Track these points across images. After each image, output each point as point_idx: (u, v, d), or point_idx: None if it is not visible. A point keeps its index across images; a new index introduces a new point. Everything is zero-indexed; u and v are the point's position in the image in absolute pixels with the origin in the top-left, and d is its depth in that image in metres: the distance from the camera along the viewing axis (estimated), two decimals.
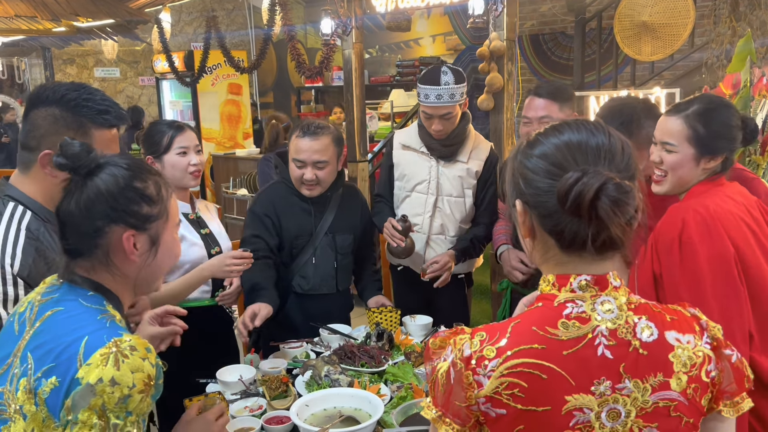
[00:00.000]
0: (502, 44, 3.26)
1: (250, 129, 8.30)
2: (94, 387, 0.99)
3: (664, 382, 0.94)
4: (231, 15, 8.98)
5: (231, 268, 2.13)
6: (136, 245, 1.15)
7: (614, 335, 0.93)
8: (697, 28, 4.93)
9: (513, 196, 1.01)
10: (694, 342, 0.97)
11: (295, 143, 2.29)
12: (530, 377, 0.90)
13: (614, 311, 0.94)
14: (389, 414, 1.67)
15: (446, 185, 2.53)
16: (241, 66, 6.24)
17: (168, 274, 2.14)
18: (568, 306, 0.94)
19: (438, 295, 2.63)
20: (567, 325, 0.93)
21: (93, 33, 6.15)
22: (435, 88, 2.37)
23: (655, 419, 0.94)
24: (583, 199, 0.88)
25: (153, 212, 1.17)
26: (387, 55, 8.39)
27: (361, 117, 4.43)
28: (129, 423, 1.02)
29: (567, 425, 0.91)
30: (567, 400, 0.91)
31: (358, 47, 4.23)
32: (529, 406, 0.90)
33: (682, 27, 3.93)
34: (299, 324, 2.36)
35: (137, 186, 1.15)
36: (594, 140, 0.95)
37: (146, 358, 1.04)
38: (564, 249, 0.96)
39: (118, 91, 8.46)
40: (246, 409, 1.79)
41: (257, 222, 2.34)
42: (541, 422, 0.91)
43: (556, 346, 0.92)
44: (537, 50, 6.89)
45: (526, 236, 1.01)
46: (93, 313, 1.09)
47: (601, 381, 0.92)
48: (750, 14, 3.88)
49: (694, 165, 1.65)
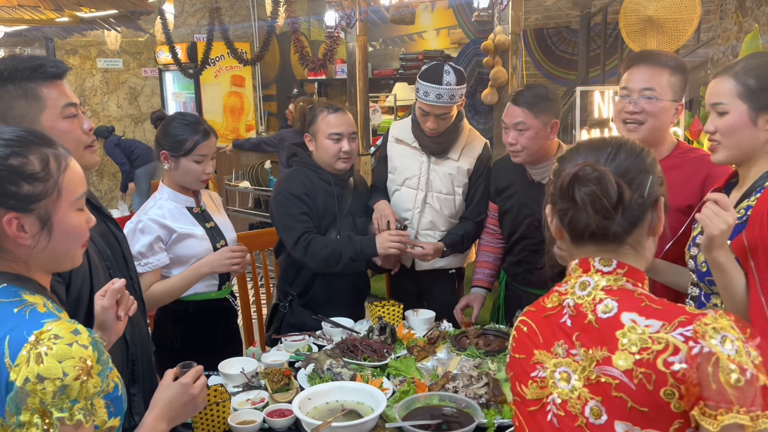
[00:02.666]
0: (507, 38, 3.25)
1: (253, 121, 8.29)
2: (24, 388, 0.95)
3: (606, 357, 0.99)
4: (234, 6, 8.94)
5: (231, 262, 2.13)
6: (24, 228, 1.06)
7: (578, 308, 1.06)
8: (703, 23, 4.90)
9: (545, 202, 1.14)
10: (657, 327, 0.95)
11: (326, 120, 2.38)
12: (519, 331, 1.15)
13: (588, 290, 1.07)
14: (391, 408, 1.66)
15: (436, 182, 2.52)
16: (244, 58, 6.22)
17: (172, 268, 2.15)
18: (563, 285, 1.12)
19: (429, 288, 2.65)
20: (553, 297, 1.12)
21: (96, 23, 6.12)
22: (436, 87, 2.35)
23: (599, 393, 0.99)
24: (565, 184, 1.04)
25: (36, 191, 1.06)
26: (390, 48, 8.35)
27: (364, 110, 4.42)
28: (77, 411, 0.98)
29: (530, 375, 1.10)
30: (534, 354, 1.10)
31: (362, 40, 4.21)
32: (515, 353, 1.15)
33: (688, 22, 3.90)
34: (325, 306, 2.40)
35: (12, 164, 1.04)
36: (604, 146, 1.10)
37: (73, 342, 0.98)
38: (574, 241, 1.11)
39: (120, 82, 8.44)
40: (248, 402, 1.79)
41: (298, 201, 2.38)
42: (519, 370, 1.12)
43: (542, 310, 1.13)
44: (541, 45, 6.86)
45: (557, 237, 1.14)
46: (8, 307, 1.03)
47: (560, 343, 1.07)
48: (757, 10, 3.86)
49: (750, 125, 1.49)
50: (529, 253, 2.37)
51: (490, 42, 3.28)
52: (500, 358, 1.89)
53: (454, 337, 2.08)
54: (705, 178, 1.77)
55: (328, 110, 2.41)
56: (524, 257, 2.39)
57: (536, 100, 2.20)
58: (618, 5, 4.64)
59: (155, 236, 2.09)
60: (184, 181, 2.18)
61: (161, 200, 2.18)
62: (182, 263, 2.16)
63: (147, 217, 2.11)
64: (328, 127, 2.37)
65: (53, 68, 1.43)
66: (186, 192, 2.22)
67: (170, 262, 2.14)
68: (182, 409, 1.31)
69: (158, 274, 2.11)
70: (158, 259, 2.10)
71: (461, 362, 1.87)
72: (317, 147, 2.42)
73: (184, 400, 1.31)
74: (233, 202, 6.29)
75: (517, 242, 2.41)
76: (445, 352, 1.98)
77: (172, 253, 2.14)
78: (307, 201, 2.38)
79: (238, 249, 2.17)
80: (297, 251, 2.35)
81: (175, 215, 2.17)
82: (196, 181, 2.18)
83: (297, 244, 2.34)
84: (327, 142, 2.38)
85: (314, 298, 2.46)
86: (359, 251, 2.34)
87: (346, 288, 2.49)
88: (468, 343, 2.01)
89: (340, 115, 2.40)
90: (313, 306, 2.42)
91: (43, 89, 1.41)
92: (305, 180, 2.42)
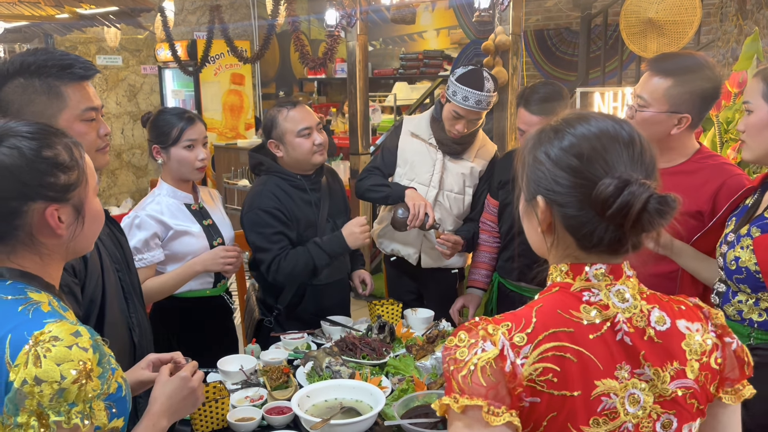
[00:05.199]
0: (508, 38, 3.24)
1: (252, 119, 8.29)
2: (21, 390, 0.94)
3: (680, 370, 0.95)
4: (234, 5, 8.93)
5: (225, 261, 2.13)
6: (61, 218, 1.07)
7: (630, 323, 0.94)
8: (703, 26, 4.90)
9: (533, 191, 0.98)
10: (702, 330, 0.99)
11: (290, 118, 2.28)
12: (562, 361, 0.89)
13: (629, 300, 0.95)
14: (390, 406, 1.67)
15: (449, 180, 2.52)
16: (244, 56, 6.21)
17: (167, 265, 2.15)
18: (585, 294, 0.95)
19: (429, 287, 2.65)
20: (588, 310, 0.93)
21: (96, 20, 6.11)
22: (477, 93, 2.33)
23: (673, 406, 0.95)
24: (631, 209, 0.87)
25: (71, 180, 1.07)
26: (391, 47, 8.35)
27: (364, 109, 4.41)
28: (74, 414, 0.96)
29: (595, 410, 0.90)
30: (596, 385, 0.91)
31: (362, 39, 4.21)
32: (562, 391, 0.89)
33: (688, 25, 3.90)
34: (316, 317, 2.34)
35: (47, 155, 1.05)
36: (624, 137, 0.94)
37: (73, 344, 0.97)
38: (583, 248, 0.96)
39: (120, 80, 8.42)
40: (247, 399, 1.79)
41: (272, 219, 2.27)
42: (572, 408, 0.90)
43: (583, 329, 0.92)
44: (541, 46, 6.86)
45: (545, 232, 0.99)
46: (13, 305, 1.02)
47: (622, 365, 0.92)
48: (757, 13, 3.87)
49: None
50: (528, 247, 2.35)
51: (490, 42, 3.28)
52: None
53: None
54: (720, 187, 1.75)
55: (287, 108, 2.30)
56: (522, 251, 2.38)
57: (548, 101, 2.19)
58: (618, 7, 4.64)
59: (152, 232, 2.09)
60: (180, 172, 2.17)
61: (159, 196, 2.18)
62: (178, 260, 2.15)
63: (144, 213, 2.11)
64: (295, 124, 2.27)
65: (81, 69, 1.42)
66: (184, 188, 2.22)
67: (165, 258, 2.14)
68: (182, 404, 1.29)
69: (153, 269, 2.12)
70: (153, 255, 2.10)
71: None
72: (288, 150, 2.31)
73: (184, 394, 1.29)
74: (232, 200, 6.29)
75: (516, 236, 2.41)
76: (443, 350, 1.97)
77: (168, 250, 2.14)
78: (280, 216, 2.28)
79: (233, 249, 2.17)
80: (270, 276, 2.29)
81: (173, 211, 2.16)
82: (191, 169, 2.16)
83: (269, 270, 2.27)
84: (298, 140, 2.28)
85: (304, 310, 2.40)
86: (331, 253, 2.27)
87: (333, 295, 2.45)
88: None
89: (300, 109, 2.31)
90: (303, 317, 2.37)
91: (68, 89, 1.41)
92: (277, 191, 2.31)
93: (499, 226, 2.50)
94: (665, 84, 1.77)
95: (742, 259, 1.51)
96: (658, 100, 1.77)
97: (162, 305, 2.18)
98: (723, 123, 2.66)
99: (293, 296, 2.39)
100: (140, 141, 8.56)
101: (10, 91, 1.37)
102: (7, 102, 1.37)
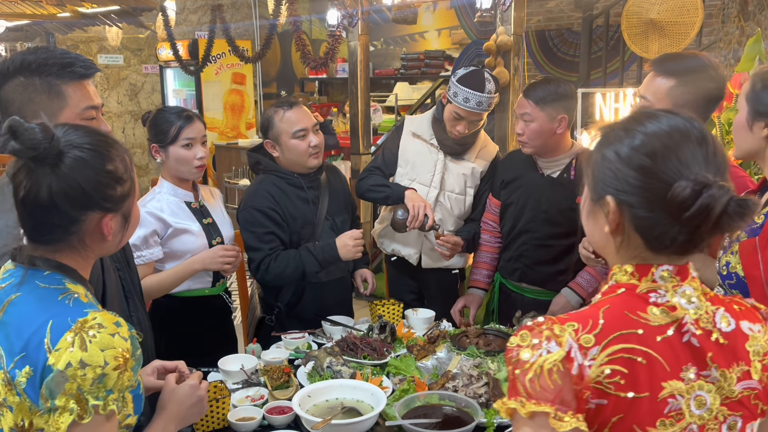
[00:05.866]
0: (509, 39, 3.25)
1: (253, 119, 8.29)
2: (64, 372, 0.96)
3: (746, 372, 0.95)
4: (236, 4, 8.93)
5: (223, 260, 2.13)
6: (111, 225, 1.13)
7: (697, 324, 0.93)
8: (705, 27, 4.90)
9: (602, 191, 0.96)
10: (764, 331, 0.99)
11: (286, 119, 2.27)
12: (631, 363, 0.89)
13: (695, 301, 0.94)
14: (391, 406, 1.66)
15: (450, 181, 2.52)
16: (245, 56, 6.21)
17: (166, 263, 2.15)
18: (651, 295, 0.94)
19: (430, 287, 2.65)
20: (655, 312, 0.92)
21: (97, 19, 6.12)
22: (478, 94, 2.32)
23: (739, 408, 0.95)
24: (711, 212, 0.86)
25: (125, 191, 1.13)
26: (392, 48, 8.35)
27: (366, 110, 4.42)
28: (111, 401, 0.99)
29: (662, 412, 0.90)
30: (663, 387, 0.90)
31: (363, 39, 4.21)
32: (630, 393, 0.88)
33: (690, 26, 3.90)
34: (316, 315, 2.33)
35: (109, 169, 1.10)
36: (696, 135, 0.91)
37: (116, 333, 1.01)
38: (653, 249, 0.94)
39: (121, 78, 8.43)
40: (248, 399, 1.79)
41: (264, 218, 2.27)
42: (639, 410, 0.89)
43: (651, 331, 0.91)
44: (543, 46, 6.86)
45: (613, 233, 0.96)
46: (53, 294, 1.05)
47: (688, 367, 0.92)
48: (759, 14, 3.86)
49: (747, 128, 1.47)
50: (530, 247, 2.37)
51: (492, 43, 3.28)
52: (500, 357, 1.89)
53: (454, 337, 2.09)
54: None
55: (283, 108, 2.28)
56: (524, 251, 2.39)
57: (545, 93, 2.20)
58: (620, 8, 4.65)
59: (151, 230, 2.09)
60: (179, 171, 2.17)
61: (160, 194, 2.18)
62: (176, 258, 2.15)
63: (144, 210, 2.11)
64: (291, 126, 2.26)
65: (82, 68, 1.42)
66: (185, 186, 2.22)
67: (164, 256, 2.14)
68: (190, 411, 1.31)
69: (151, 267, 2.11)
70: (152, 252, 2.10)
71: (461, 362, 1.87)
72: (283, 150, 2.29)
73: (193, 401, 1.31)
74: (233, 199, 6.29)
75: (518, 236, 2.41)
76: (445, 351, 1.98)
77: (167, 248, 2.14)
78: (273, 216, 2.27)
79: (231, 248, 2.17)
80: (258, 275, 2.28)
81: (173, 209, 2.16)
82: (190, 168, 2.16)
83: (258, 270, 2.27)
84: (293, 141, 2.26)
85: (304, 308, 2.39)
86: (323, 261, 2.25)
87: (334, 294, 2.44)
88: (468, 343, 2.02)
89: (297, 110, 2.29)
90: (304, 315, 2.36)
91: (68, 88, 1.40)
92: (273, 190, 2.29)
93: (500, 226, 2.50)
94: (668, 84, 1.76)
95: (732, 264, 1.49)
96: (662, 101, 1.76)
97: (160, 304, 2.18)
98: (725, 124, 2.65)
99: (292, 294, 2.38)
100: (141, 140, 8.57)
101: (10, 89, 1.37)
102: (8, 101, 1.37)
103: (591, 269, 2.28)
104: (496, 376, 1.77)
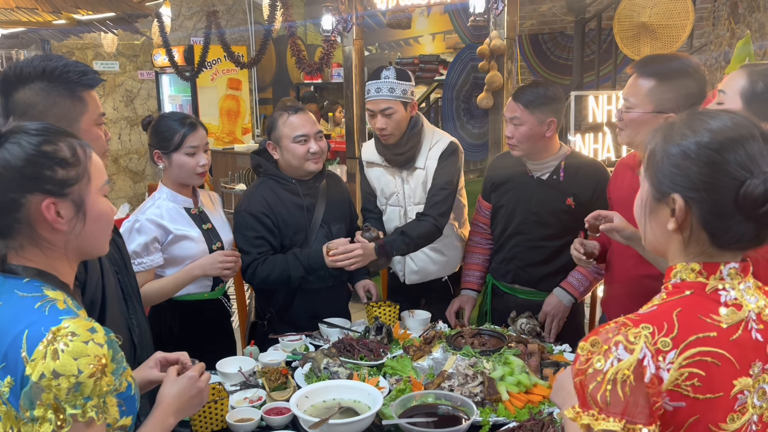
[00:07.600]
0: (503, 43, 3.28)
1: (249, 124, 8.31)
2: (39, 383, 0.96)
3: None
4: (231, 10, 8.97)
5: (223, 266, 2.15)
6: (60, 213, 1.10)
7: (760, 318, 0.95)
8: (696, 29, 4.95)
9: (667, 188, 0.96)
10: None
11: (288, 123, 2.30)
12: (707, 365, 0.90)
13: (756, 296, 0.96)
14: (388, 406, 1.68)
15: (410, 194, 2.51)
16: (241, 61, 6.24)
17: (166, 269, 2.16)
18: (721, 293, 0.95)
19: (424, 296, 2.65)
20: (727, 312, 0.93)
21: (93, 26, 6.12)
22: (374, 82, 2.37)
23: None
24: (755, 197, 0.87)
25: (70, 175, 1.10)
26: (387, 52, 8.39)
27: (361, 114, 4.44)
28: (89, 408, 0.99)
29: (733, 408, 0.92)
30: (734, 384, 0.92)
31: (358, 44, 4.24)
32: (707, 394, 0.90)
33: (681, 28, 3.94)
34: (306, 322, 2.34)
35: (46, 150, 1.08)
36: (758, 132, 0.92)
37: (89, 340, 1.00)
38: (719, 245, 0.95)
39: (117, 85, 8.44)
40: (246, 400, 1.80)
41: (256, 222, 2.29)
42: (714, 409, 0.90)
43: (724, 332, 0.92)
44: (536, 50, 6.90)
45: (677, 230, 0.96)
46: (30, 302, 1.05)
47: (756, 362, 0.94)
48: (749, 16, 3.91)
49: None
50: (522, 249, 2.39)
51: (485, 47, 3.32)
52: (495, 357, 1.91)
53: (449, 337, 2.11)
54: None
55: (288, 113, 2.32)
56: (516, 253, 2.41)
57: (534, 97, 2.22)
58: (612, 11, 4.69)
59: (152, 237, 2.11)
60: (180, 177, 2.19)
61: (159, 200, 2.20)
62: (177, 264, 2.17)
63: (144, 217, 2.13)
64: (292, 130, 2.29)
65: (93, 77, 1.49)
66: (185, 192, 2.24)
67: (165, 262, 2.16)
68: (189, 403, 1.31)
69: (152, 273, 2.13)
70: (153, 259, 2.11)
71: (457, 361, 1.89)
72: (283, 153, 2.32)
73: (192, 393, 1.32)
74: (229, 204, 6.30)
75: (510, 238, 2.42)
76: (440, 351, 2.00)
77: (167, 254, 2.16)
78: (265, 221, 2.28)
79: (231, 254, 2.19)
80: (246, 278, 2.31)
81: (173, 216, 2.18)
82: (192, 175, 2.18)
83: (246, 272, 2.30)
84: (293, 145, 2.29)
85: (296, 314, 2.40)
86: (308, 268, 2.26)
87: (327, 301, 2.42)
88: (463, 343, 2.03)
89: (301, 115, 2.32)
90: (295, 321, 2.37)
91: (87, 95, 1.47)
92: (268, 195, 2.32)
93: (492, 229, 2.52)
94: (648, 85, 1.79)
95: None
96: (643, 101, 1.80)
97: (160, 308, 2.20)
98: None
99: (284, 300, 2.40)
100: (137, 146, 8.58)
101: (32, 93, 1.41)
102: (27, 104, 1.41)
103: (582, 269, 2.30)
104: (491, 376, 1.79)
